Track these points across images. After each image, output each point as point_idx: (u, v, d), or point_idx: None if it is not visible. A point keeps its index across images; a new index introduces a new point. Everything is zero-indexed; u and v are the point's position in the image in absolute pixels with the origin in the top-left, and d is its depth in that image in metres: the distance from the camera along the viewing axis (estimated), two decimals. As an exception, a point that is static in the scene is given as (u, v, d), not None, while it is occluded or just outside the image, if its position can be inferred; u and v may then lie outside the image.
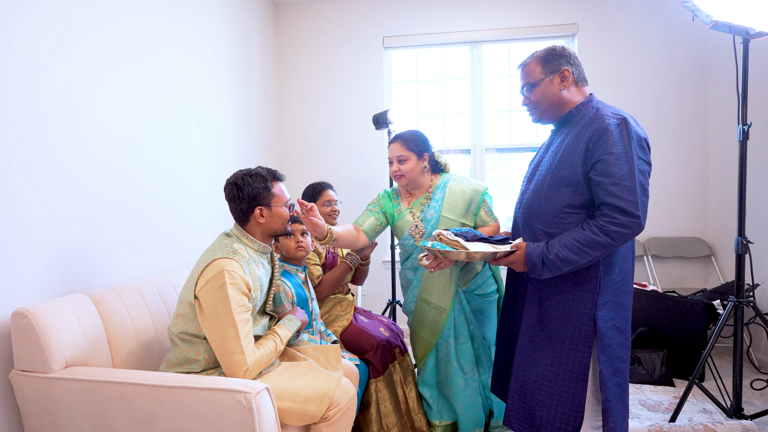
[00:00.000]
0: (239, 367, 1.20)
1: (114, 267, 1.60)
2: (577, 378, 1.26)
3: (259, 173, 1.35)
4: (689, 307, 2.42)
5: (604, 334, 1.24)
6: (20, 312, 1.15)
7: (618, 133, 1.19)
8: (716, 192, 2.98)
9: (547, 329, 1.32)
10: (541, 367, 1.32)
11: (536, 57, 1.35)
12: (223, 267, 1.22)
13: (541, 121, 1.41)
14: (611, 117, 1.22)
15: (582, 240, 1.21)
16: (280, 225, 1.38)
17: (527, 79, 1.36)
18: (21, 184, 1.26)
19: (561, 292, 1.30)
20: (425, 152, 1.73)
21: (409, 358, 1.91)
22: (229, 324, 1.19)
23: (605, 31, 3.08)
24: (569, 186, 1.27)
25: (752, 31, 1.66)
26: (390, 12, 3.24)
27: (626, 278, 1.31)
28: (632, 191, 1.17)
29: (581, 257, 1.21)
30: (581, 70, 1.35)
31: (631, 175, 1.17)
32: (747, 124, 1.80)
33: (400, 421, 1.77)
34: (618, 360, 1.27)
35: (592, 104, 1.31)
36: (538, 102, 1.35)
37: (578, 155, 1.24)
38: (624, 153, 1.18)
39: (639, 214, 1.17)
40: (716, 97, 2.95)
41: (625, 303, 1.30)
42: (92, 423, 1.16)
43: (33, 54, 1.30)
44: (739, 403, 1.92)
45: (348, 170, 3.30)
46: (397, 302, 2.70)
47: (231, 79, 2.57)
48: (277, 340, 1.35)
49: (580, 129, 1.27)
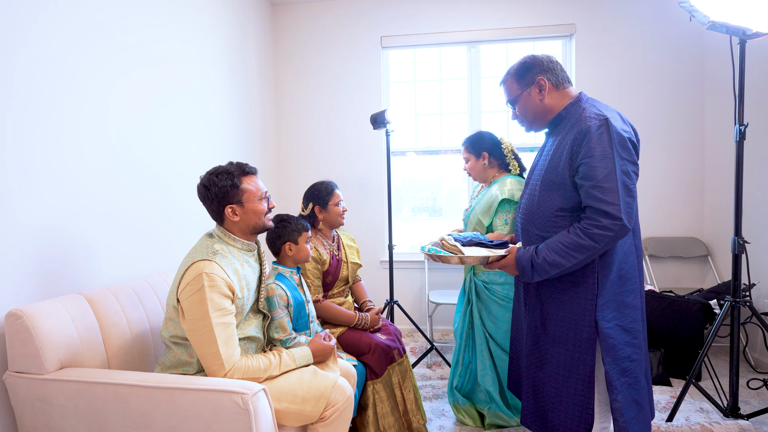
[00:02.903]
0: (217, 371, 1.19)
1: (109, 267, 1.59)
2: (583, 380, 1.27)
3: (226, 170, 1.29)
4: (686, 306, 2.43)
5: (608, 334, 1.23)
6: (14, 313, 1.14)
7: (598, 135, 1.19)
8: (713, 192, 2.99)
9: (550, 332, 1.33)
10: (548, 369, 1.33)
11: (511, 74, 1.39)
12: (202, 270, 1.19)
13: (533, 130, 1.44)
14: (593, 118, 1.22)
15: (567, 243, 1.22)
16: (257, 220, 1.33)
17: (508, 97, 1.42)
18: (15, 184, 1.25)
19: (560, 294, 1.31)
20: (483, 152, 1.93)
21: (407, 360, 1.90)
22: (206, 328, 1.17)
23: (602, 31, 3.08)
24: (559, 190, 1.28)
25: (749, 32, 1.67)
26: (388, 12, 3.23)
27: (628, 276, 1.29)
28: (613, 193, 1.17)
29: (567, 260, 1.22)
30: (559, 73, 1.35)
31: (612, 177, 1.17)
32: (744, 125, 1.80)
33: (398, 422, 1.77)
34: (626, 360, 1.25)
35: (581, 104, 1.30)
36: (523, 115, 1.39)
37: (564, 159, 1.25)
38: (604, 154, 1.18)
39: (621, 216, 1.16)
40: (713, 98, 2.96)
41: (630, 302, 1.28)
42: (87, 425, 1.15)
43: (33, 58, 1.29)
44: (735, 402, 1.92)
45: (345, 170, 3.30)
46: (395, 302, 2.70)
47: (227, 78, 2.56)
48: (275, 363, 1.30)
49: (566, 132, 1.28)
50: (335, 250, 1.94)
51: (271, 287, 1.49)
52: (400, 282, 3.26)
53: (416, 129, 3.40)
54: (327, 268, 1.86)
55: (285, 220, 1.61)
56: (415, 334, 3.26)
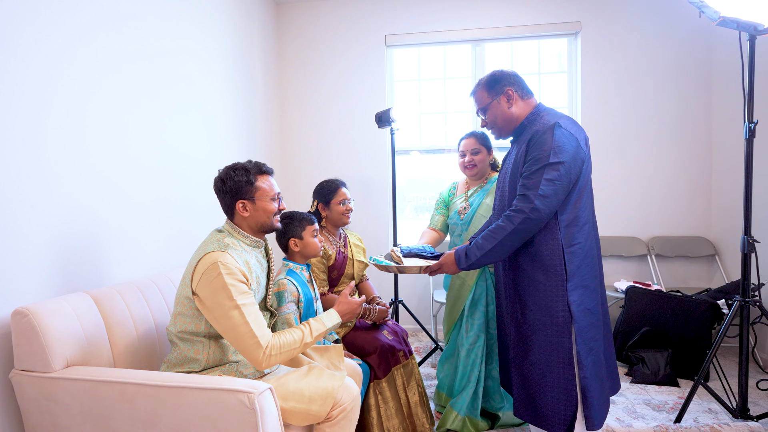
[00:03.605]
0: (255, 350, 1.18)
1: (115, 266, 1.59)
2: (563, 363, 1.37)
3: (244, 167, 1.33)
4: (694, 306, 2.41)
5: (578, 318, 1.35)
6: (20, 311, 1.13)
7: (541, 140, 1.35)
8: (720, 191, 2.96)
9: (529, 320, 1.42)
10: (532, 357, 1.41)
11: (482, 84, 1.52)
12: (217, 259, 1.20)
13: (502, 137, 1.55)
14: (542, 125, 1.38)
15: (492, 228, 1.40)
16: (266, 219, 1.35)
17: (479, 105, 1.53)
18: (20, 183, 1.24)
19: (534, 282, 1.40)
20: (491, 149, 2.00)
21: (413, 361, 1.89)
22: (234, 311, 1.18)
23: (608, 29, 3.06)
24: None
25: (760, 27, 1.64)
26: (392, 10, 3.22)
27: (590, 262, 1.41)
28: (534, 178, 1.33)
29: (490, 242, 1.39)
30: (524, 85, 1.51)
31: (539, 172, 1.33)
32: (754, 122, 1.78)
33: (402, 425, 1.75)
34: (591, 340, 1.38)
35: (539, 113, 1.46)
36: (493, 122, 1.51)
37: (520, 166, 1.41)
38: (539, 157, 1.34)
39: (533, 198, 1.31)
40: (720, 95, 2.93)
41: (592, 286, 1.41)
42: (93, 423, 1.15)
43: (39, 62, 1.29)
44: (745, 403, 1.90)
45: (350, 168, 3.29)
46: (400, 302, 2.69)
47: (232, 77, 2.55)
48: (306, 331, 1.29)
49: (523, 141, 1.43)
50: (342, 247, 1.93)
51: (282, 282, 1.49)
52: (404, 281, 3.25)
53: (420, 128, 3.38)
54: (333, 263, 1.86)
55: (288, 217, 1.60)
56: (419, 333, 3.25)
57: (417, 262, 1.58)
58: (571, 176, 1.34)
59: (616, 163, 3.09)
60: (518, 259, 1.44)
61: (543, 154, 1.33)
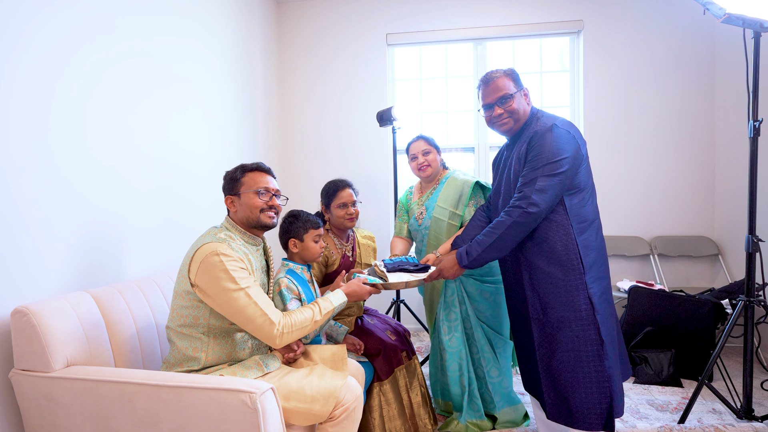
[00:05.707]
0: (268, 327, 1.20)
1: (115, 265, 1.58)
2: (593, 356, 1.37)
3: (241, 165, 1.38)
4: (697, 306, 2.39)
5: (599, 309, 1.38)
6: (20, 310, 1.12)
7: (541, 140, 1.38)
8: (723, 190, 2.95)
9: (552, 318, 1.42)
10: (559, 355, 1.40)
11: (505, 73, 1.51)
12: (215, 248, 1.21)
13: (511, 133, 1.53)
14: (541, 126, 1.42)
15: (492, 224, 1.43)
16: (250, 213, 1.33)
17: (504, 91, 1.48)
18: (22, 183, 1.24)
19: (552, 279, 1.41)
20: (440, 150, 1.98)
21: (415, 361, 1.87)
22: (238, 292, 1.19)
23: (611, 27, 3.05)
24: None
25: (766, 24, 1.63)
26: (393, 9, 3.21)
27: (603, 255, 1.47)
28: (532, 175, 1.37)
29: (490, 237, 1.42)
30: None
31: (538, 170, 1.36)
32: (758, 120, 1.77)
33: (404, 426, 1.74)
34: (611, 329, 1.43)
35: (536, 116, 1.50)
36: (515, 111, 1.48)
37: (521, 166, 1.44)
38: (539, 156, 1.37)
39: (530, 193, 1.35)
40: (724, 93, 2.92)
41: (607, 277, 1.47)
42: (94, 423, 1.14)
43: (39, 57, 1.28)
44: (749, 404, 1.89)
45: (352, 167, 3.27)
46: (401, 301, 2.68)
47: (233, 75, 2.54)
48: (315, 310, 1.31)
49: (523, 142, 1.46)
50: (348, 251, 1.86)
51: (282, 281, 1.47)
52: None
53: (422, 127, 3.37)
54: (335, 269, 1.79)
55: (294, 216, 1.57)
56: (421, 333, 3.24)
57: (402, 277, 1.56)
58: (569, 174, 1.37)
59: (618, 162, 3.08)
60: (533, 259, 1.45)
61: (543, 153, 1.37)
